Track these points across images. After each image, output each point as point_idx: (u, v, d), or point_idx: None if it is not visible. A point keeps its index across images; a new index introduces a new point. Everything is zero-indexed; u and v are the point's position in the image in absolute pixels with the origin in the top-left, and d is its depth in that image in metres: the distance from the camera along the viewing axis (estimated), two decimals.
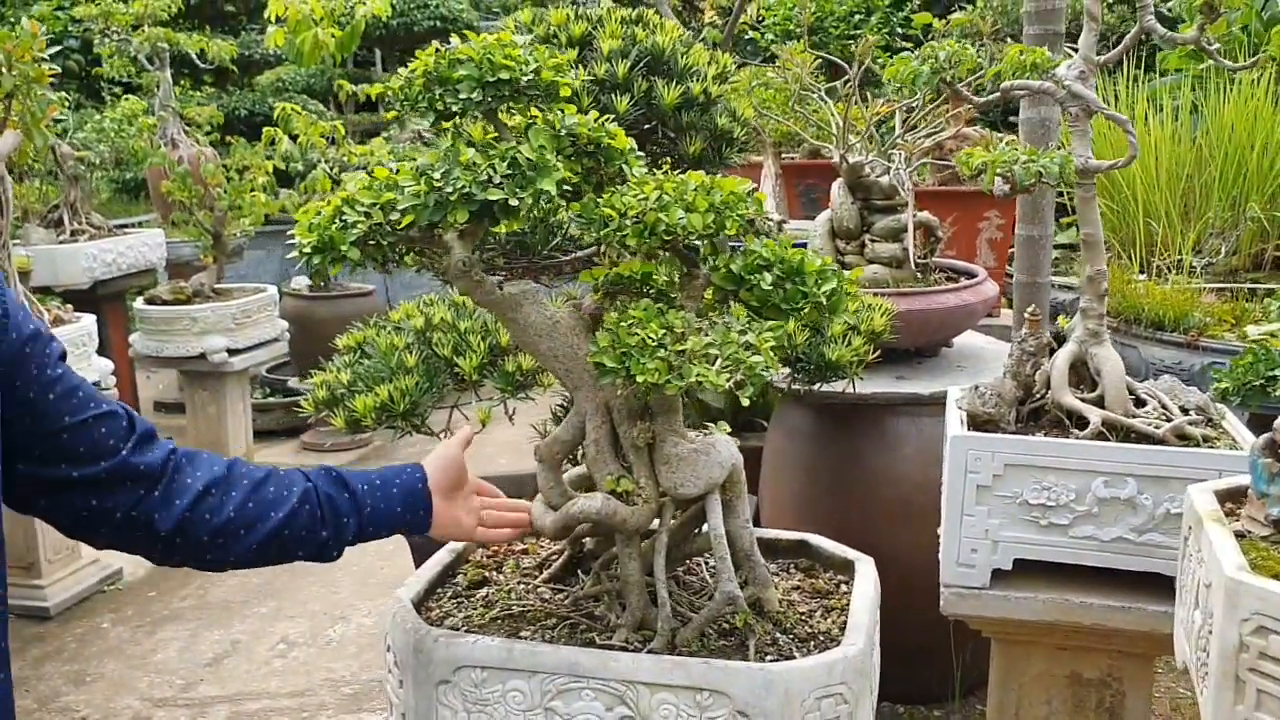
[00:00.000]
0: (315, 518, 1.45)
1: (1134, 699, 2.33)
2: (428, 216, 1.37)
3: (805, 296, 1.40)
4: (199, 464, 1.44)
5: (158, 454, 1.39)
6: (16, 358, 1.26)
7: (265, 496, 1.44)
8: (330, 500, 1.46)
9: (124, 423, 1.38)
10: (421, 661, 1.45)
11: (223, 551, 1.41)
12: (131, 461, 1.36)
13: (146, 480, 1.38)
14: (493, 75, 1.41)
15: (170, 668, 3.90)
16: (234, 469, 1.45)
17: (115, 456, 1.35)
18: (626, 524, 1.48)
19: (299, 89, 8.32)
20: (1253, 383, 2.54)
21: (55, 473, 1.32)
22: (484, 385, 2.44)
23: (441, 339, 2.35)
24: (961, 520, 2.23)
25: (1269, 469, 1.50)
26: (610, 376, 1.35)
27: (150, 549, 1.41)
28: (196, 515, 1.40)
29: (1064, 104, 2.22)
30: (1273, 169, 6.28)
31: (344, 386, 2.33)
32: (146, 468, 1.37)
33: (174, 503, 1.39)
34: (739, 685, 1.36)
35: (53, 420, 1.30)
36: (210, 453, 1.48)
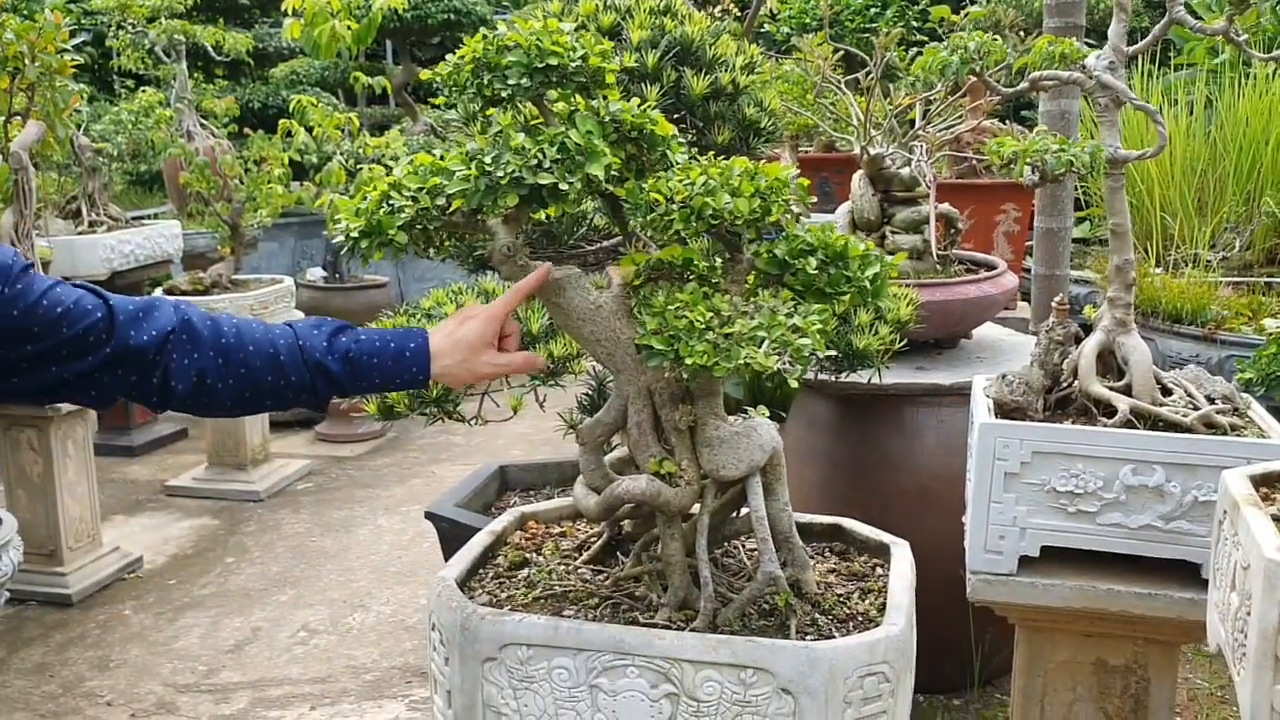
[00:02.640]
0: (305, 392, 1.58)
1: (1159, 686, 2.35)
2: (477, 200, 1.40)
3: (849, 281, 1.43)
4: (199, 343, 1.53)
5: (152, 334, 1.49)
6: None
7: (263, 385, 1.55)
8: (320, 369, 1.56)
9: (100, 314, 1.46)
10: (468, 639, 1.47)
11: (212, 413, 1.60)
12: (117, 349, 1.47)
13: (140, 364, 1.49)
14: (541, 61, 1.43)
15: (192, 654, 3.93)
16: (233, 354, 1.54)
17: (99, 351, 1.46)
18: (670, 505, 1.50)
19: (313, 82, 8.34)
20: (1276, 373, 2.56)
21: (46, 375, 1.44)
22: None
23: None
24: (989, 507, 2.25)
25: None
26: (657, 359, 1.37)
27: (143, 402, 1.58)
28: (192, 400, 1.55)
29: (1092, 95, 2.24)
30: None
31: None
32: (138, 350, 1.48)
33: (171, 386, 1.52)
34: (783, 663, 1.39)
35: (28, 333, 1.40)
36: (215, 322, 1.57)
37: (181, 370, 1.52)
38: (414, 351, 1.58)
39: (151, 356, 1.50)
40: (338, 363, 1.57)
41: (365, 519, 5.26)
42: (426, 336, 1.60)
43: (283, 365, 1.56)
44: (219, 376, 1.54)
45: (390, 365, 1.58)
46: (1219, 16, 2.15)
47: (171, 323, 1.52)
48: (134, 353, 1.49)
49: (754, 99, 2.61)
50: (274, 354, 1.56)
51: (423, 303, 2.53)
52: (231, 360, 1.54)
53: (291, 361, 1.56)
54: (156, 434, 6.21)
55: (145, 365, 1.50)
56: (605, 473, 1.62)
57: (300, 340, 1.57)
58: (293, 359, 1.56)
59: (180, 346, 1.52)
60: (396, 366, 1.58)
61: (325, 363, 1.56)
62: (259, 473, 5.63)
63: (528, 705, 1.46)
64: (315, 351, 1.57)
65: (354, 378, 1.58)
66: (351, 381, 1.59)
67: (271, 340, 1.57)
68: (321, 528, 5.16)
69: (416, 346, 1.58)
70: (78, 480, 4.38)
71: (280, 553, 4.87)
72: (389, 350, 1.58)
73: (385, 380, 1.60)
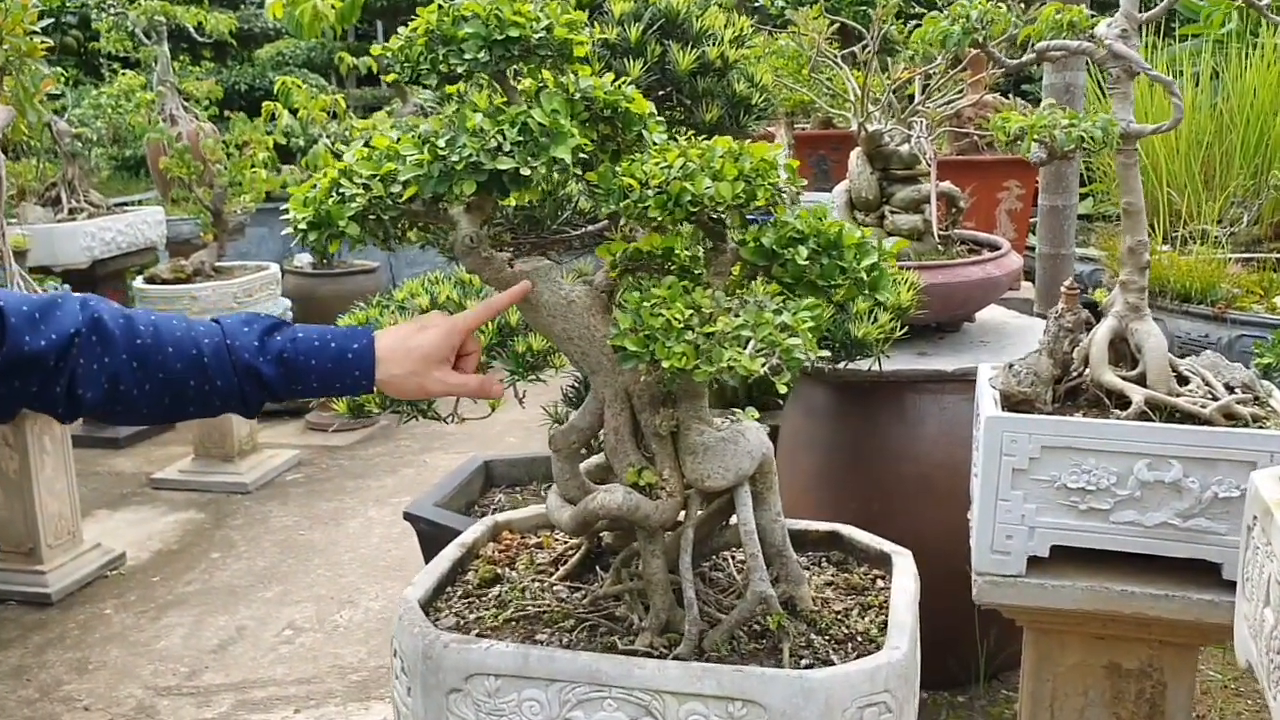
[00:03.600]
0: (232, 398, 1.43)
1: (1175, 689, 2.23)
2: (431, 188, 1.26)
3: (844, 272, 1.29)
4: (109, 344, 1.36)
5: (52, 338, 1.32)
6: None
7: (184, 390, 1.40)
8: (250, 373, 1.41)
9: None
10: (431, 668, 1.35)
11: (128, 421, 1.44)
12: (11, 357, 1.29)
13: (39, 371, 1.32)
14: (501, 33, 1.30)
15: (174, 655, 3.82)
16: (149, 355, 1.38)
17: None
18: (650, 519, 1.37)
19: (299, 63, 8.17)
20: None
21: None
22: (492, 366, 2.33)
23: None
24: (996, 505, 2.13)
25: None
26: (633, 361, 1.24)
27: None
28: (104, 409, 1.38)
29: (1104, 65, 2.09)
30: None
31: None
32: (36, 356, 1.31)
33: (78, 394, 1.36)
34: (775, 695, 1.26)
35: None
36: (129, 320, 1.40)
37: (90, 376, 1.35)
38: (357, 354, 1.43)
39: (53, 363, 1.32)
40: (270, 365, 1.42)
41: (355, 511, 5.14)
42: (373, 338, 1.45)
43: (207, 368, 1.40)
44: (134, 382, 1.37)
45: (330, 368, 1.43)
46: None
47: (76, 323, 1.34)
48: (31, 359, 1.31)
49: (744, 74, 2.47)
50: (197, 355, 1.40)
51: (396, 293, 2.40)
52: (148, 363, 1.38)
53: (217, 364, 1.40)
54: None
55: (46, 373, 1.33)
56: (581, 482, 1.49)
57: (228, 340, 1.41)
58: (219, 361, 1.40)
59: (88, 350, 1.35)
60: (337, 370, 1.43)
61: (256, 365, 1.41)
62: (247, 464, 5.51)
63: None
64: (244, 352, 1.41)
65: (288, 381, 1.43)
66: (286, 386, 1.44)
67: (194, 340, 1.41)
68: (310, 520, 5.04)
69: (360, 348, 1.43)
70: (56, 476, 4.26)
71: (267, 547, 4.75)
72: (328, 351, 1.43)
73: (324, 384, 1.44)
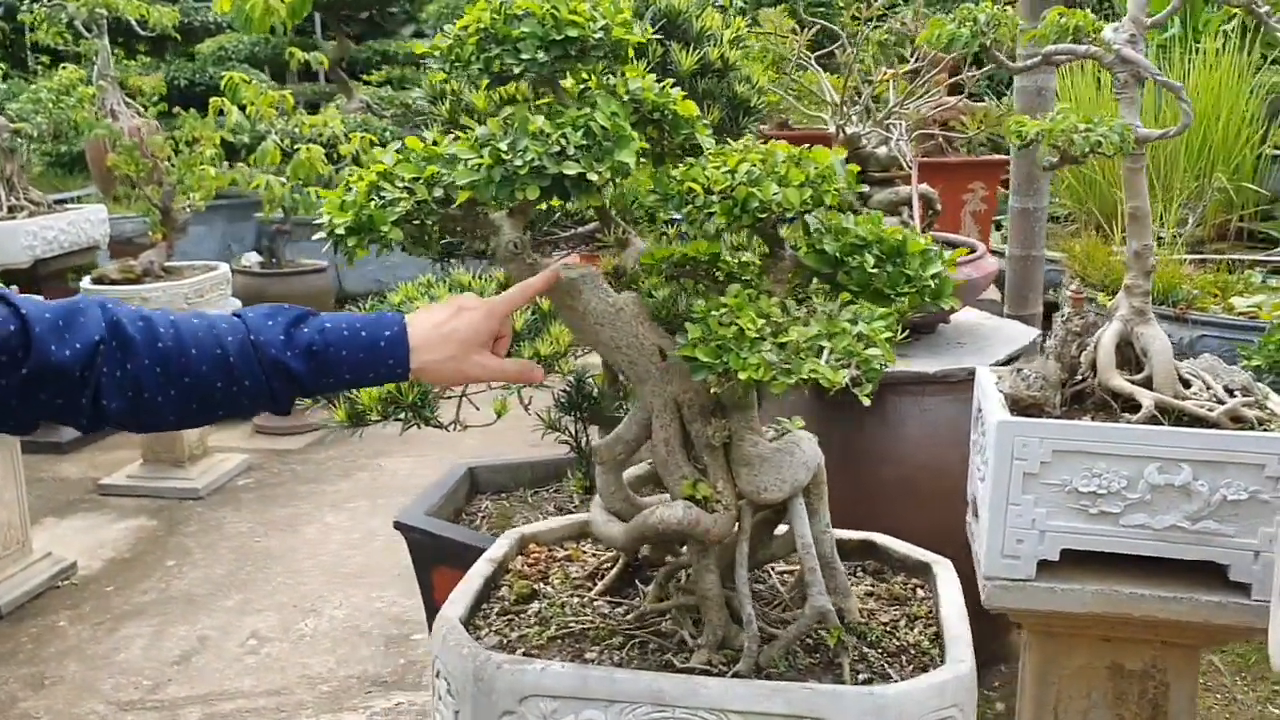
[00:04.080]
0: (261, 397, 1.36)
1: (1178, 690, 2.25)
2: (492, 192, 1.21)
3: (909, 280, 1.27)
4: (131, 350, 1.28)
5: (76, 347, 1.24)
6: None
7: (211, 393, 1.32)
8: (278, 369, 1.34)
9: (12, 327, 1.21)
10: (483, 690, 1.30)
11: (153, 429, 1.35)
12: (36, 369, 1.22)
13: (65, 383, 1.25)
14: (559, 33, 1.25)
15: (135, 667, 3.70)
16: (172, 359, 1.30)
17: (13, 373, 1.21)
18: (710, 534, 1.34)
19: (242, 58, 7.98)
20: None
21: None
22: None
23: None
24: (1007, 510, 2.12)
25: None
26: (704, 372, 1.20)
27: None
28: (128, 418, 1.30)
29: (1112, 69, 2.10)
30: (1238, 139, 6.28)
31: None
32: (61, 368, 1.23)
33: (102, 405, 1.28)
34: (847, 712, 1.23)
35: None
36: (149, 322, 1.32)
37: (113, 385, 1.27)
38: (390, 341, 1.36)
39: (78, 374, 1.25)
40: (299, 359, 1.34)
41: (311, 516, 5.03)
42: (404, 323, 1.38)
43: (233, 368, 1.32)
44: (158, 388, 1.29)
45: (362, 358, 1.35)
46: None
47: (99, 330, 1.26)
48: (57, 371, 1.23)
49: (743, 75, 2.44)
50: (222, 355, 1.32)
51: (391, 297, 2.33)
52: (172, 368, 1.30)
53: (244, 362, 1.32)
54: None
55: (71, 384, 1.25)
56: (626, 495, 1.45)
57: (253, 335, 1.33)
58: (245, 359, 1.32)
59: (110, 357, 1.27)
60: (370, 359, 1.35)
61: (284, 360, 1.33)
62: (197, 469, 5.37)
63: None
64: (271, 347, 1.33)
65: (319, 375, 1.35)
66: (316, 380, 1.36)
67: (218, 339, 1.32)
68: (266, 526, 4.92)
69: (393, 336, 1.36)
70: (5, 484, 4.11)
71: (224, 554, 4.63)
72: (359, 341, 1.35)
73: (356, 376, 1.37)
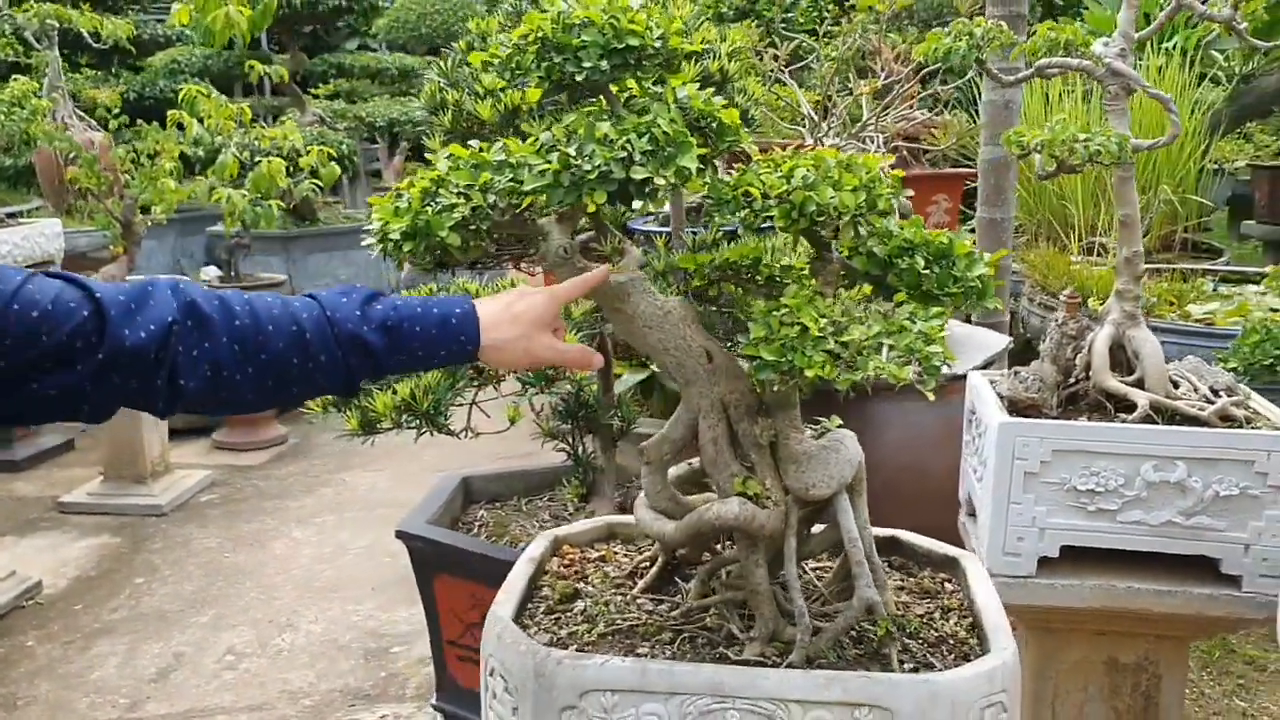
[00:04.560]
0: (337, 373, 1.36)
1: (1170, 681, 2.33)
2: (560, 197, 1.24)
3: (956, 281, 1.32)
4: (208, 329, 1.28)
5: (150, 329, 1.24)
6: None
7: (288, 369, 1.32)
8: (355, 343, 1.35)
9: (86, 312, 1.21)
10: (544, 686, 1.32)
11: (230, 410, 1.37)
12: (111, 353, 1.21)
13: (140, 366, 1.24)
14: (620, 42, 1.29)
15: (111, 686, 3.64)
16: (249, 337, 1.30)
17: (90, 358, 1.20)
18: (764, 529, 1.38)
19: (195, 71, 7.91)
20: (1261, 362, 2.56)
21: (25, 394, 1.19)
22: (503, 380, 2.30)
23: None
24: (1008, 509, 2.19)
25: None
26: (768, 371, 1.24)
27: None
28: (207, 397, 1.30)
29: (1103, 81, 2.18)
30: (1182, 154, 6.48)
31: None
32: (137, 350, 1.23)
33: (179, 385, 1.27)
34: (903, 699, 1.27)
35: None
36: (224, 301, 1.32)
37: (191, 364, 1.27)
38: (460, 319, 1.38)
39: (153, 356, 1.24)
40: (375, 333, 1.34)
41: (278, 532, 4.99)
42: (473, 303, 1.40)
43: (309, 344, 1.32)
44: (236, 366, 1.29)
45: (435, 334, 1.37)
46: (1223, 4, 2.11)
47: (172, 311, 1.26)
48: (131, 354, 1.22)
49: (740, 87, 2.50)
50: (298, 331, 1.32)
51: None
52: (249, 345, 1.29)
53: (320, 338, 1.33)
54: (41, 446, 5.80)
55: (147, 366, 1.24)
56: (672, 494, 1.48)
57: (329, 312, 1.34)
58: (320, 335, 1.33)
59: (186, 337, 1.26)
60: (442, 335, 1.37)
61: (360, 333, 1.34)
62: (160, 485, 5.30)
63: None
64: (348, 323, 1.34)
65: (393, 350, 1.36)
66: (390, 355, 1.36)
67: (293, 315, 1.33)
68: (233, 542, 4.87)
69: (464, 314, 1.38)
70: None
71: (192, 571, 4.57)
72: (432, 317, 1.37)
73: (429, 352, 1.38)
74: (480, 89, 2.41)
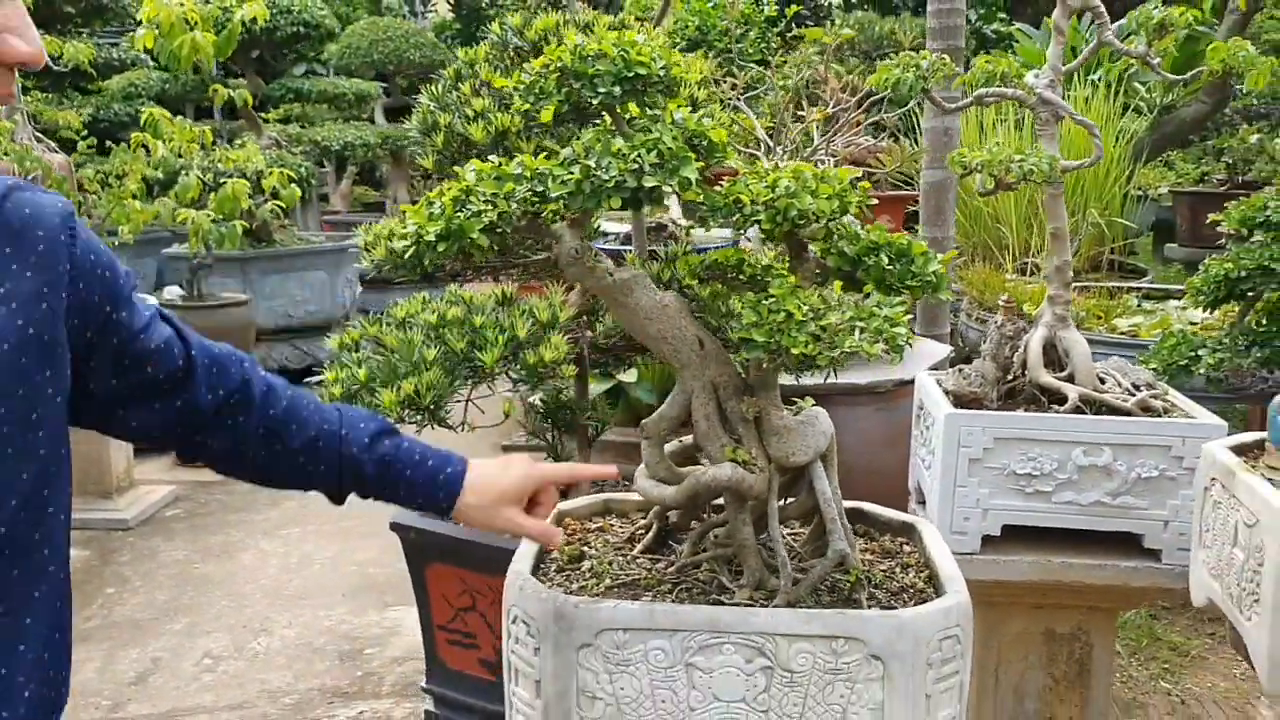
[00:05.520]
0: (330, 483, 1.54)
1: (1100, 649, 2.57)
2: (581, 202, 1.45)
3: (914, 276, 1.55)
4: (249, 409, 1.47)
5: (220, 394, 1.44)
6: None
7: (291, 466, 1.51)
8: (352, 466, 1.53)
9: (180, 362, 1.40)
10: (563, 627, 1.52)
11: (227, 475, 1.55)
12: (186, 405, 1.41)
13: (197, 422, 1.44)
14: (629, 70, 1.51)
15: (92, 689, 3.76)
16: (277, 429, 1.49)
17: (169, 401, 1.39)
18: (752, 490, 1.59)
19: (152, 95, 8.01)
20: (1178, 363, 2.83)
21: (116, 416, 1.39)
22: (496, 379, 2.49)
23: (454, 334, 2.40)
24: (955, 492, 2.43)
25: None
26: (757, 351, 1.46)
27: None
28: (219, 462, 1.51)
29: (1035, 109, 2.44)
30: (1108, 179, 6.85)
31: (360, 382, 2.35)
32: (201, 409, 1.42)
33: (207, 445, 1.47)
34: (873, 631, 1.49)
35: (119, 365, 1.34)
36: (270, 389, 1.51)
37: (224, 431, 1.47)
38: (448, 479, 1.56)
39: (209, 416, 1.45)
40: (373, 464, 1.53)
41: (245, 544, 5.12)
42: (466, 467, 1.59)
43: (319, 451, 1.52)
44: (257, 448, 1.49)
45: (420, 483, 1.56)
46: (1139, 41, 2.38)
47: (235, 383, 1.46)
48: (197, 410, 1.43)
49: (709, 112, 2.72)
50: (314, 438, 1.51)
51: (395, 312, 2.53)
52: (272, 435, 1.49)
53: (328, 449, 1.52)
54: None
55: (201, 423, 1.45)
56: (668, 465, 1.69)
57: (343, 430, 1.53)
58: (329, 447, 1.52)
59: (231, 410, 1.46)
60: (425, 486, 1.56)
61: (361, 461, 1.53)
62: (125, 500, 5.40)
63: (624, 688, 1.52)
64: (354, 446, 1.53)
65: (380, 484, 1.55)
66: (377, 487, 1.56)
67: (317, 423, 1.52)
68: (201, 554, 4.99)
69: (452, 473, 1.57)
70: None
71: (163, 581, 4.69)
72: (424, 469, 1.56)
73: (408, 496, 1.57)
74: (470, 112, 2.62)
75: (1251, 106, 8.69)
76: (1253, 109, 8.77)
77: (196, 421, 1.44)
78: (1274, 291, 2.69)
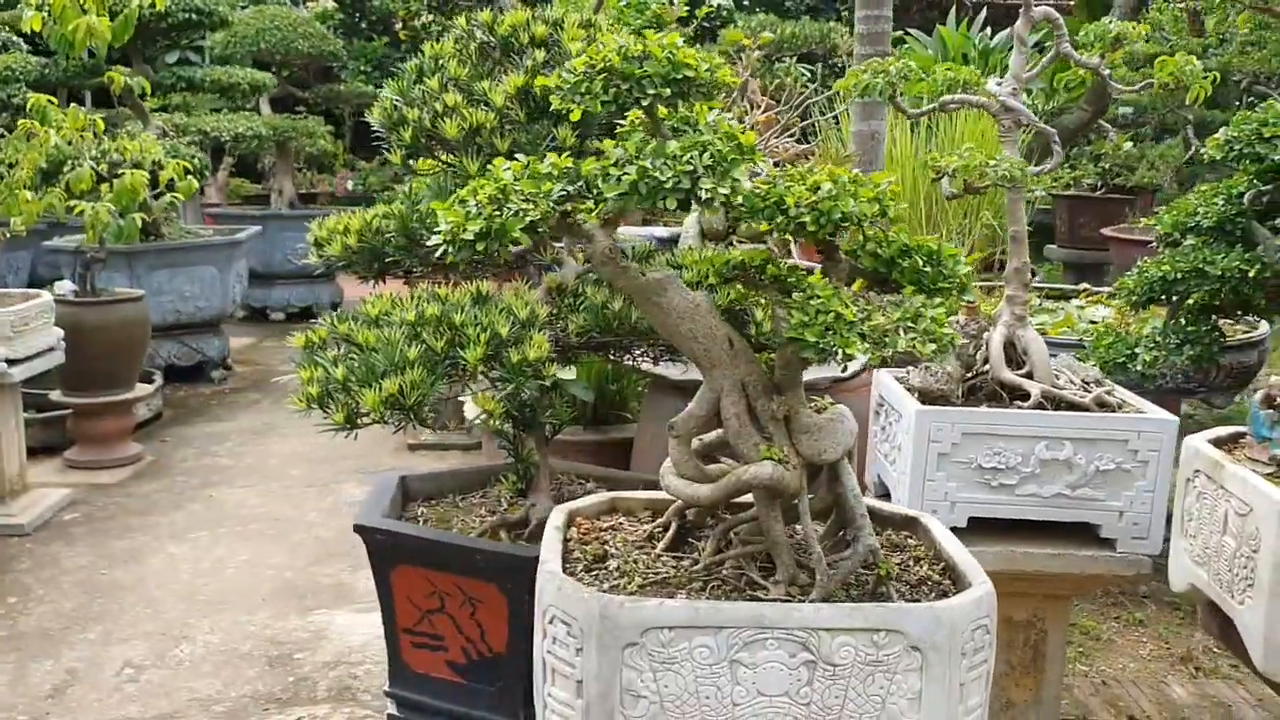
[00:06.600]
0: None
1: (1054, 635, 2.68)
2: (636, 202, 1.46)
3: (945, 277, 1.60)
4: None
5: None
6: None
7: None
8: None
9: None
10: (608, 627, 1.53)
11: None
12: None
13: None
14: (678, 73, 1.52)
15: (5, 704, 3.58)
16: None
17: None
18: (790, 488, 1.62)
19: (31, 80, 7.63)
20: (1116, 360, 2.97)
21: None
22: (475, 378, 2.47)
23: (431, 333, 2.37)
24: (924, 485, 2.50)
25: (1270, 418, 1.84)
26: (810, 349, 1.49)
27: None
28: None
29: (998, 116, 2.53)
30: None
31: (339, 382, 2.31)
32: None
33: None
34: (912, 624, 1.54)
35: None
36: None
37: None
38: None
39: None
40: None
41: (153, 548, 4.93)
42: None
43: None
44: None
45: None
46: (1095, 52, 2.49)
47: None
48: None
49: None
50: None
51: (368, 309, 2.49)
52: None
53: None
54: None
55: None
56: (696, 463, 1.71)
57: None
58: None
59: None
60: None
61: None
62: (19, 505, 5.14)
63: (668, 686, 1.54)
64: None
65: None
66: None
67: None
68: (107, 560, 4.79)
69: None
70: None
71: (69, 588, 4.49)
72: None
73: None
74: (440, 107, 2.59)
75: (1119, 118, 9.09)
76: (1119, 119, 9.18)
77: None
78: (1203, 292, 2.83)
